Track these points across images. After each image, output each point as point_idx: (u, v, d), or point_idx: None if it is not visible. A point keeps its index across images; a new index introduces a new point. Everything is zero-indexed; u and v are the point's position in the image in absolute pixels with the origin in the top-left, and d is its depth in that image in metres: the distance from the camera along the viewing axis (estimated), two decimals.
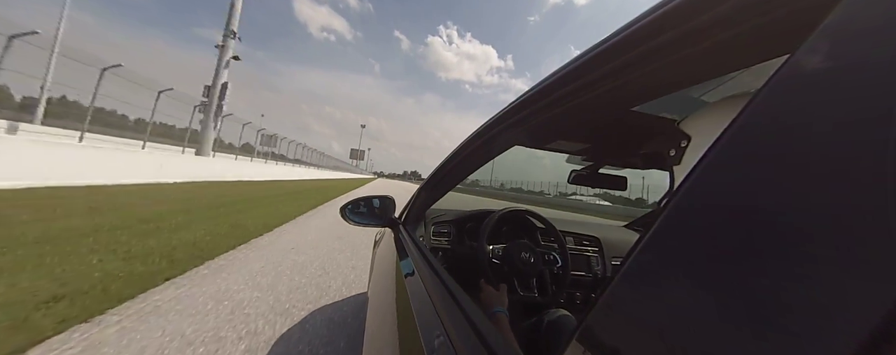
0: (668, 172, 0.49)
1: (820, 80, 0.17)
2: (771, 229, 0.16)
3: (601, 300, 0.23)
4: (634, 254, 0.22)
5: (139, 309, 1.81)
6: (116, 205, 4.26)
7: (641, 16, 0.32)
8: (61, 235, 2.73)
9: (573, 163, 1.04)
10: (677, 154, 0.45)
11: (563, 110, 0.50)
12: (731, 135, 0.20)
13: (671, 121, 0.59)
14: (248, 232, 3.81)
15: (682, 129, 0.45)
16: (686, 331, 0.17)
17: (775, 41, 0.27)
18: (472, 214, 1.38)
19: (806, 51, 0.18)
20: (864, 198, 0.13)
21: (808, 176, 0.16)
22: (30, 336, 1.44)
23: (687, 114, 0.47)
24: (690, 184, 0.21)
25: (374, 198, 1.30)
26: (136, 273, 2.22)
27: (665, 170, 0.50)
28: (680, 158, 0.45)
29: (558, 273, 1.16)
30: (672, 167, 0.47)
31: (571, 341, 0.24)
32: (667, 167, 0.49)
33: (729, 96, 0.43)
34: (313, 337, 1.74)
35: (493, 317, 0.79)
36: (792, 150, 0.17)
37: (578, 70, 0.43)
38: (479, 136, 0.78)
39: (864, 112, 0.15)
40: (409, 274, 0.79)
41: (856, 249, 0.13)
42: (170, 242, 2.99)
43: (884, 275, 0.12)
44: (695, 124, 0.44)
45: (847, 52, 0.17)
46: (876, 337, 0.12)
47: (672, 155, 0.46)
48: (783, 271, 0.15)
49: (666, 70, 0.35)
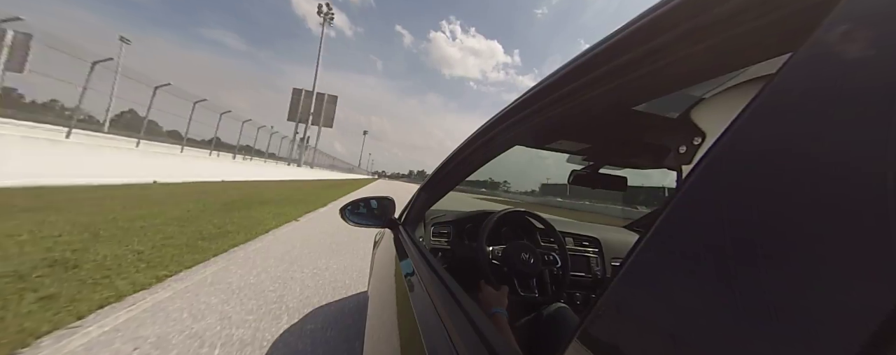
0: (674, 171, 0.49)
1: (822, 79, 0.17)
2: (770, 229, 0.16)
3: (601, 300, 0.23)
4: (635, 254, 0.22)
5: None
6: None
7: (643, 14, 0.32)
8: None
9: (574, 163, 1.04)
10: (689, 151, 0.44)
11: (564, 109, 0.50)
12: (731, 135, 0.20)
13: (674, 120, 0.59)
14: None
15: (697, 125, 0.44)
16: (686, 332, 0.17)
17: (778, 40, 0.27)
18: (472, 215, 1.38)
19: (808, 49, 0.18)
20: (865, 197, 0.13)
21: (808, 175, 0.16)
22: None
23: (698, 111, 0.46)
24: (690, 184, 0.21)
25: (372, 199, 1.30)
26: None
27: (672, 170, 0.49)
28: (692, 156, 0.44)
29: (558, 273, 1.16)
30: (681, 166, 0.46)
31: (572, 341, 0.23)
32: (675, 166, 0.48)
33: (737, 90, 0.42)
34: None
35: (492, 318, 0.79)
36: (791, 150, 0.17)
37: (579, 69, 0.42)
38: (479, 136, 0.78)
39: (867, 111, 0.15)
40: (409, 275, 0.79)
41: (856, 249, 0.13)
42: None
43: (884, 276, 0.12)
44: (709, 121, 0.43)
45: (850, 51, 0.16)
46: (876, 338, 0.12)
47: (682, 152, 0.45)
48: (783, 271, 0.15)
49: (667, 69, 0.35)
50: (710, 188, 0.20)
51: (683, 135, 0.45)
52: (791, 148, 0.17)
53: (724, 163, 0.20)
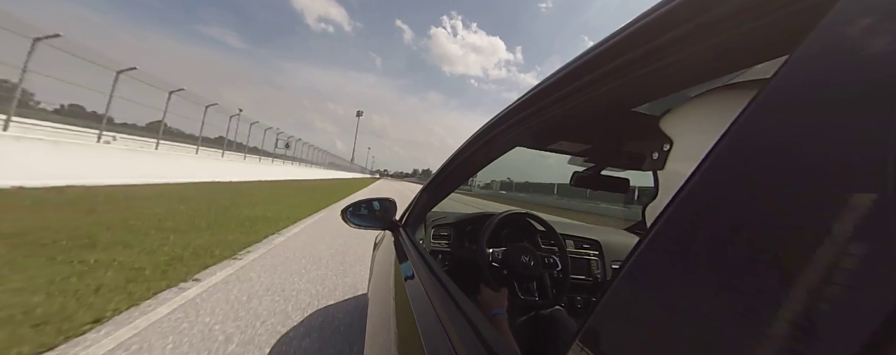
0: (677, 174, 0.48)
1: (818, 81, 0.17)
2: (770, 230, 0.16)
3: (602, 303, 0.23)
4: (635, 256, 0.22)
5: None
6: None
7: (642, 15, 0.32)
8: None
9: (575, 165, 1.04)
10: (660, 157, 0.44)
11: (565, 110, 0.50)
12: (730, 138, 0.20)
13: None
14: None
15: (664, 132, 0.44)
16: (687, 334, 0.17)
17: (778, 40, 0.27)
18: (473, 217, 1.37)
19: (804, 52, 0.18)
20: (863, 198, 0.13)
21: (808, 176, 0.16)
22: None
23: (666, 116, 0.46)
24: (689, 186, 0.21)
25: (374, 200, 1.30)
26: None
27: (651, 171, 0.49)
28: (663, 162, 0.43)
29: (558, 276, 1.15)
30: (656, 171, 0.46)
31: (572, 344, 0.23)
32: (651, 169, 0.48)
33: (708, 97, 0.42)
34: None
35: (492, 320, 0.78)
36: (790, 150, 0.17)
37: (579, 70, 0.43)
38: (479, 137, 0.78)
39: (863, 112, 0.15)
40: (410, 277, 0.79)
41: (856, 250, 0.13)
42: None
43: (884, 276, 0.12)
44: (674, 126, 0.43)
45: (845, 53, 0.17)
46: (876, 338, 0.12)
47: (655, 158, 0.45)
48: (783, 272, 0.14)
49: (667, 70, 0.35)
50: (710, 190, 0.20)
51: (654, 148, 0.45)
52: (790, 148, 0.17)
53: (723, 165, 0.20)
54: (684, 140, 0.42)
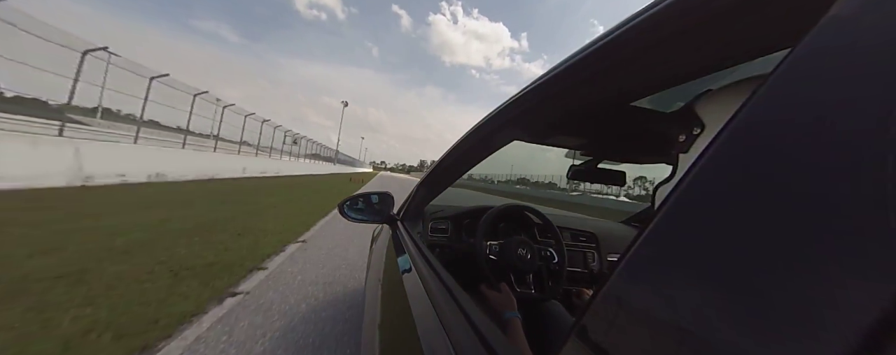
0: (670, 165, 0.48)
1: (820, 75, 0.17)
2: (769, 226, 0.16)
3: (599, 296, 0.23)
4: (632, 249, 0.22)
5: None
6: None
7: (642, 10, 0.32)
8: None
9: (572, 158, 1.04)
10: (687, 140, 0.44)
11: (563, 104, 0.50)
12: (729, 131, 0.20)
13: (672, 115, 0.58)
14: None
15: (699, 116, 0.44)
16: (683, 328, 0.17)
17: (776, 35, 0.27)
18: (470, 210, 1.38)
19: (807, 45, 0.18)
20: (864, 195, 0.13)
21: (807, 172, 0.15)
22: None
23: (701, 102, 0.46)
24: (688, 180, 0.20)
25: (372, 194, 1.30)
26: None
27: (670, 165, 0.49)
28: (689, 146, 0.44)
29: (555, 269, 1.16)
30: (678, 154, 0.46)
31: (570, 338, 0.23)
32: (672, 161, 0.48)
33: (738, 85, 0.41)
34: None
35: (506, 323, 0.78)
36: (789, 146, 0.17)
37: (578, 64, 0.42)
38: (478, 131, 0.77)
39: (865, 107, 0.15)
40: (407, 271, 0.79)
41: (855, 247, 0.13)
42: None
43: (884, 275, 0.12)
44: (710, 113, 0.43)
45: (848, 46, 0.16)
46: (875, 337, 0.11)
47: (682, 141, 0.45)
48: (781, 268, 0.14)
49: (666, 65, 0.35)
50: (708, 184, 0.20)
51: (681, 131, 0.45)
52: (789, 144, 0.17)
53: (721, 160, 0.20)
54: (718, 126, 0.41)
